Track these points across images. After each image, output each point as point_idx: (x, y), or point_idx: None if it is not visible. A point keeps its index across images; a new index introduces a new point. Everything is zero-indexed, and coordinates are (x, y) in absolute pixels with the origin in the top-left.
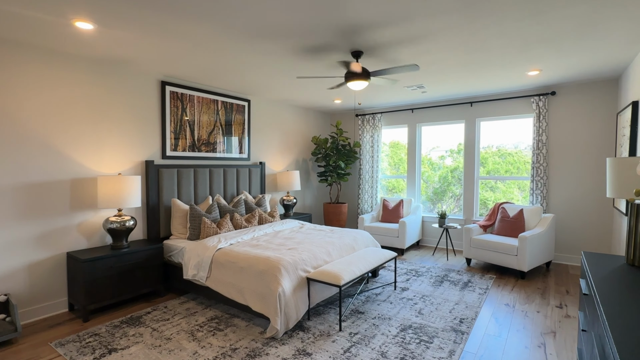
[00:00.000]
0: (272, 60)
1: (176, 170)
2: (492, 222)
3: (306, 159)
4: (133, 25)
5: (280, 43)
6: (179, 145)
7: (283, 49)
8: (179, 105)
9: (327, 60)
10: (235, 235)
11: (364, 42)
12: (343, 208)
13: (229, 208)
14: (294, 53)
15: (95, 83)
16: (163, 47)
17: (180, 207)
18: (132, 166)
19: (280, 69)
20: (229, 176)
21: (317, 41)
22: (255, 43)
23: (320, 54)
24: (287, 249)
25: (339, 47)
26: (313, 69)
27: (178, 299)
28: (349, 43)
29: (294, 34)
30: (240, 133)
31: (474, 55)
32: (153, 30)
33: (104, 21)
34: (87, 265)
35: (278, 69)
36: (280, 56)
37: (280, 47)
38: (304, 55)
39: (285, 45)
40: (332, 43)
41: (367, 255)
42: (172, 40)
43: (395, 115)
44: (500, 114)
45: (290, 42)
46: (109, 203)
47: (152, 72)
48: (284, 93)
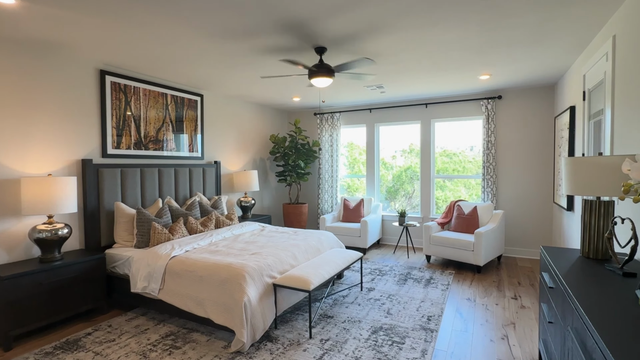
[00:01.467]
0: (230, 56)
1: (119, 170)
2: (449, 219)
3: (264, 158)
4: (66, 2)
5: (240, 41)
6: (122, 143)
7: (243, 46)
8: (121, 97)
9: (290, 57)
10: (191, 241)
11: (325, 38)
12: (303, 208)
13: (182, 211)
14: (253, 50)
15: (20, 69)
16: (102, 31)
17: (125, 212)
18: (66, 166)
19: (239, 65)
20: (180, 176)
21: (277, 40)
22: (214, 39)
23: (282, 52)
24: (250, 254)
25: (301, 44)
26: (274, 65)
27: (124, 315)
28: (311, 39)
29: (253, 33)
30: (192, 130)
31: (433, 57)
32: (91, 9)
33: None
34: (8, 284)
35: (236, 65)
36: (239, 54)
37: (239, 45)
38: (264, 52)
39: (245, 43)
40: (292, 41)
41: (334, 257)
42: (113, 22)
43: (354, 114)
44: (453, 115)
45: (250, 40)
46: (35, 209)
47: (90, 59)
48: (240, 89)
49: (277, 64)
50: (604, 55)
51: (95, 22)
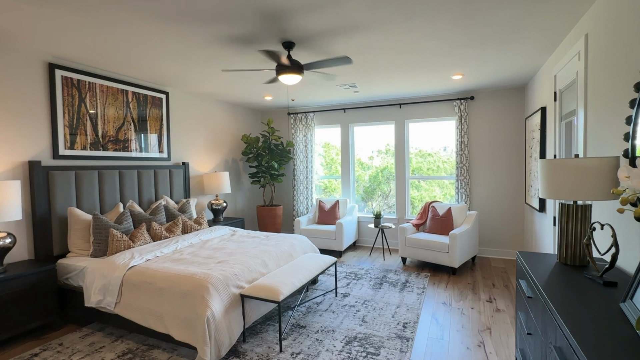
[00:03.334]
0: (194, 47)
1: (74, 173)
2: (423, 220)
3: (236, 159)
4: None
5: (202, 29)
6: (76, 143)
7: (206, 36)
8: (75, 94)
9: (255, 53)
10: (153, 249)
11: (295, 32)
12: (278, 211)
13: (146, 216)
14: (218, 41)
15: None
16: (49, 18)
17: (80, 218)
18: (9, 168)
19: (203, 58)
20: (144, 179)
21: (243, 29)
22: (173, 26)
23: (248, 45)
24: (217, 262)
25: (268, 36)
26: (241, 61)
27: (79, 331)
28: (279, 32)
29: (216, 20)
30: (157, 129)
31: (405, 55)
32: None
33: None
34: None
35: (200, 58)
36: (202, 44)
37: (202, 34)
38: (230, 45)
39: (207, 32)
40: (260, 32)
41: (307, 262)
42: (62, 9)
43: (328, 114)
44: (427, 116)
45: (213, 28)
46: None
47: (36, 51)
48: (208, 86)
49: (244, 59)
50: (576, 55)
51: (36, 9)
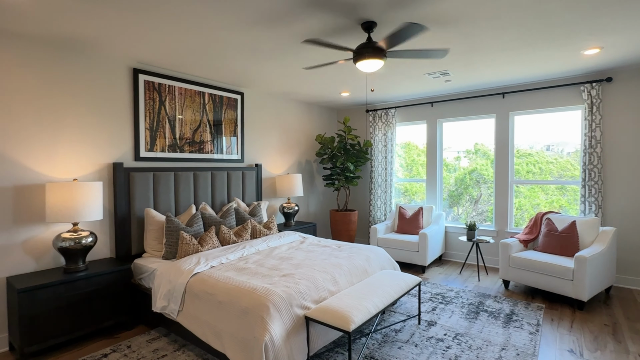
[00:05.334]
0: (267, 45)
1: (152, 175)
2: (534, 235)
3: (310, 161)
4: None
5: (273, 29)
6: (156, 145)
7: (278, 34)
8: (155, 97)
9: (332, 39)
10: (220, 254)
11: (374, 7)
12: (352, 216)
13: (216, 219)
14: (291, 37)
15: (48, 69)
16: (134, 25)
17: (155, 219)
18: (96, 170)
19: (277, 55)
20: (218, 180)
21: (314, 21)
22: (248, 28)
23: (323, 35)
24: (281, 275)
25: (344, 20)
26: (317, 52)
27: (147, 334)
28: (355, 11)
29: (286, 17)
30: (232, 130)
31: (518, 27)
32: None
33: None
34: (25, 297)
35: (274, 55)
36: (276, 42)
37: (273, 32)
38: (304, 39)
39: (279, 31)
40: (332, 17)
41: (385, 282)
42: (144, 15)
43: (412, 110)
44: (538, 106)
45: (284, 27)
46: (58, 216)
47: (122, 57)
48: (282, 85)
49: (319, 52)
50: None
51: (121, 14)
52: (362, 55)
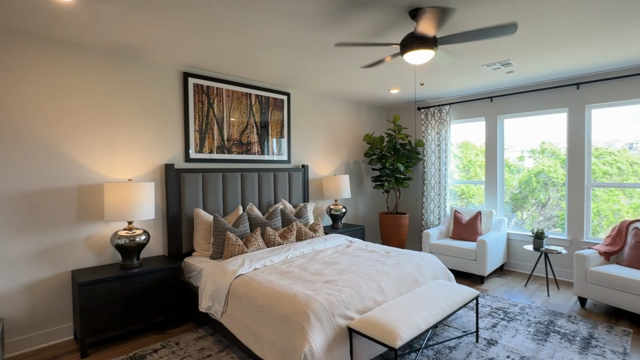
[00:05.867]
0: (316, 38)
1: (201, 175)
2: (618, 247)
3: (358, 161)
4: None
5: (320, 29)
6: (204, 147)
7: (329, 23)
8: (204, 99)
9: (381, 34)
10: (264, 256)
11: None
12: (403, 219)
13: (262, 220)
14: (340, 28)
15: (106, 75)
16: (183, 31)
17: (204, 219)
18: (150, 171)
19: (325, 54)
20: (264, 181)
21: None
22: (298, 27)
23: (371, 30)
24: (324, 281)
25: (390, 10)
26: (368, 49)
27: (195, 332)
28: None
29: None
30: (278, 131)
31: (600, 2)
32: (160, 7)
33: None
34: (85, 290)
35: (322, 49)
36: (322, 42)
37: (324, 21)
38: (351, 37)
39: (331, 29)
40: (377, 11)
41: (437, 293)
42: (194, 22)
43: (469, 106)
44: (621, 97)
45: (333, 28)
46: (115, 214)
47: (173, 61)
48: (330, 84)
49: (369, 48)
50: None
51: (172, 22)
52: (409, 47)
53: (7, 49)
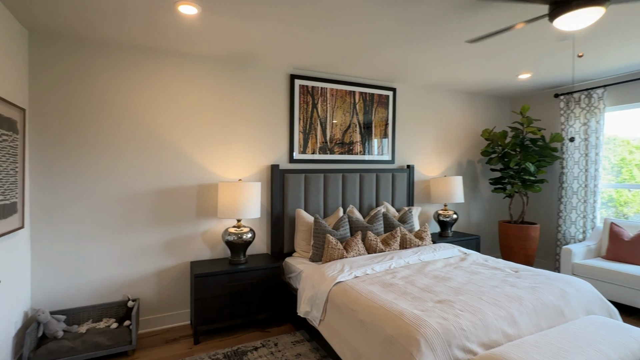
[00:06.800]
0: (425, 22)
1: (303, 176)
2: None
3: (473, 161)
4: (244, 10)
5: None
6: (308, 147)
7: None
8: (309, 100)
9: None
10: (365, 263)
11: None
12: (532, 231)
13: (362, 224)
14: (452, 8)
15: (218, 83)
16: (290, 33)
17: (305, 220)
18: (258, 171)
19: (438, 37)
20: (366, 183)
21: None
22: (407, 12)
23: None
24: (436, 300)
25: None
26: (487, 21)
27: (293, 334)
28: None
29: None
30: (382, 130)
31: None
32: (275, 10)
33: (208, 6)
34: (199, 281)
35: (433, 34)
36: (437, 22)
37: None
38: (470, 8)
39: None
40: None
41: (597, 336)
42: (300, 21)
43: (629, 88)
44: None
45: None
46: (226, 212)
47: (280, 65)
48: (441, 74)
49: (491, 22)
50: None
51: (279, 25)
52: (566, 6)
53: (144, 66)
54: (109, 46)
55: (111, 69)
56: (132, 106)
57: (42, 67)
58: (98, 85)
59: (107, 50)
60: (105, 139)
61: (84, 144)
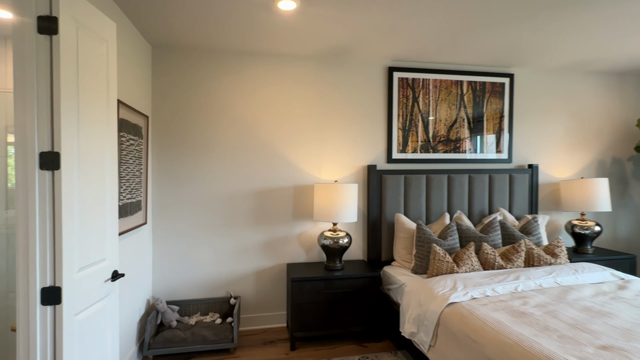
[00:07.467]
0: None
1: (403, 177)
2: None
3: (620, 159)
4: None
5: None
6: (407, 146)
7: None
8: (409, 94)
9: None
10: (482, 282)
11: None
12: None
13: (475, 233)
14: None
15: (317, 81)
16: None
17: (405, 226)
18: (353, 172)
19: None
20: (476, 185)
21: None
22: None
23: None
24: (600, 345)
25: None
26: None
27: (393, 354)
28: None
29: None
30: (496, 123)
31: None
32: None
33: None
34: (296, 286)
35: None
36: None
37: None
38: None
39: None
40: None
41: None
42: (400, 7)
43: None
44: None
45: None
46: (322, 215)
47: (377, 57)
48: (576, 50)
49: None
50: None
51: (378, 14)
52: None
53: (245, 69)
54: (215, 54)
55: (217, 75)
56: (235, 109)
57: (161, 77)
58: (207, 92)
59: (213, 58)
60: (212, 142)
61: (195, 147)
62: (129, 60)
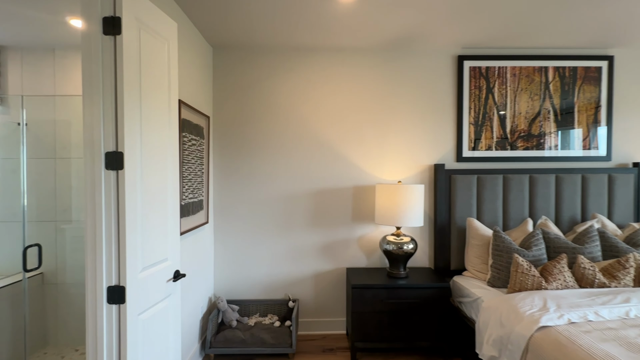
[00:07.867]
0: None
1: (475, 177)
2: None
3: None
4: None
5: None
6: (480, 142)
7: None
8: (482, 84)
9: None
10: (581, 302)
11: None
12: None
13: (567, 243)
14: None
15: (377, 75)
16: (458, 11)
17: (479, 232)
18: (418, 172)
19: None
20: (566, 187)
21: None
22: None
23: None
24: None
25: None
26: None
27: None
28: None
29: None
30: (590, 115)
31: None
32: None
33: None
34: (357, 293)
35: None
36: None
37: None
38: None
39: None
40: None
41: None
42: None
43: None
44: None
45: None
46: (384, 218)
47: (446, 45)
48: None
49: None
50: None
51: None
52: None
53: (303, 65)
54: (273, 52)
55: (275, 73)
56: (294, 107)
57: (221, 77)
58: (265, 90)
59: (271, 56)
60: (270, 141)
61: (253, 147)
62: (191, 61)
